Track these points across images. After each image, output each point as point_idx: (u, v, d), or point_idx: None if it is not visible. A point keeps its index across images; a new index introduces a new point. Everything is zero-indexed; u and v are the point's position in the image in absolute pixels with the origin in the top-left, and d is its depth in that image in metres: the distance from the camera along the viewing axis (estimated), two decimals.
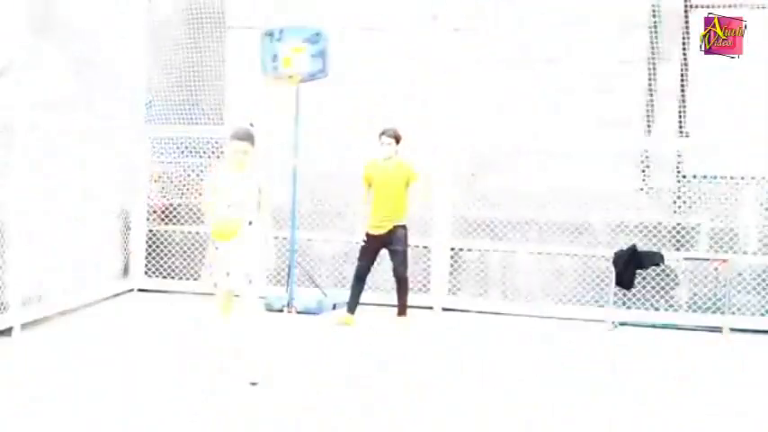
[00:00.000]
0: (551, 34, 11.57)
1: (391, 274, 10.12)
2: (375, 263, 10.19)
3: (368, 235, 10.02)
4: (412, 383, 7.81)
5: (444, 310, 11.20)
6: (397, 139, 9.99)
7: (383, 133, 10.02)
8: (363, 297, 10.46)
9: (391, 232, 9.93)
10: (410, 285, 11.11)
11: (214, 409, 6.89)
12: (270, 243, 7.71)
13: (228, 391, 7.32)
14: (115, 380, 7.55)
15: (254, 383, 7.52)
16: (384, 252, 10.10)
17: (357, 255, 10.16)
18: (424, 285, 11.34)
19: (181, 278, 11.84)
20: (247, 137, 7.53)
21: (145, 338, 9.45)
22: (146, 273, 11.97)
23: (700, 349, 9.60)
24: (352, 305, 10.19)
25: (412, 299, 10.96)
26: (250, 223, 7.51)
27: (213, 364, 7.80)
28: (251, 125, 7.72)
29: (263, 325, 8.00)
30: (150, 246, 11.99)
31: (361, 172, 10.12)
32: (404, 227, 10.01)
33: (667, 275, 10.87)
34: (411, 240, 11.20)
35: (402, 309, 10.11)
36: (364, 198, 10.13)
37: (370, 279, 10.51)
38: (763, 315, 10.55)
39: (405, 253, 10.01)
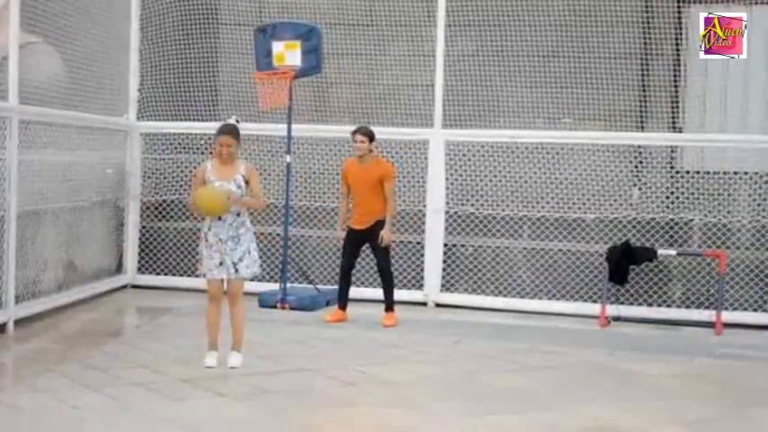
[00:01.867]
0: (546, 29, 11.57)
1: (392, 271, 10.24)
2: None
3: (350, 230, 10.06)
4: (401, 379, 7.83)
5: (438, 305, 11.20)
6: (371, 138, 9.97)
7: (356, 131, 9.99)
8: (364, 293, 10.71)
9: (372, 227, 9.95)
10: (403, 281, 11.18)
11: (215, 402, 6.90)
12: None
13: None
14: (109, 377, 7.53)
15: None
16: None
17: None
18: (418, 281, 11.34)
19: (174, 274, 11.81)
20: (232, 131, 7.84)
21: (138, 334, 9.45)
22: (139, 269, 11.94)
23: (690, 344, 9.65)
24: (343, 301, 10.20)
25: (405, 295, 11.03)
26: (238, 215, 7.80)
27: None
28: (236, 121, 8.05)
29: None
30: (143, 242, 11.97)
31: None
32: (385, 221, 10.05)
33: (660, 271, 10.88)
34: (405, 236, 11.25)
35: (388, 305, 10.13)
36: (343, 196, 10.23)
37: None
38: (756, 310, 10.57)
39: (386, 247, 10.04)
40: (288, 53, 10.74)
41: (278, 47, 10.78)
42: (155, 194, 12.07)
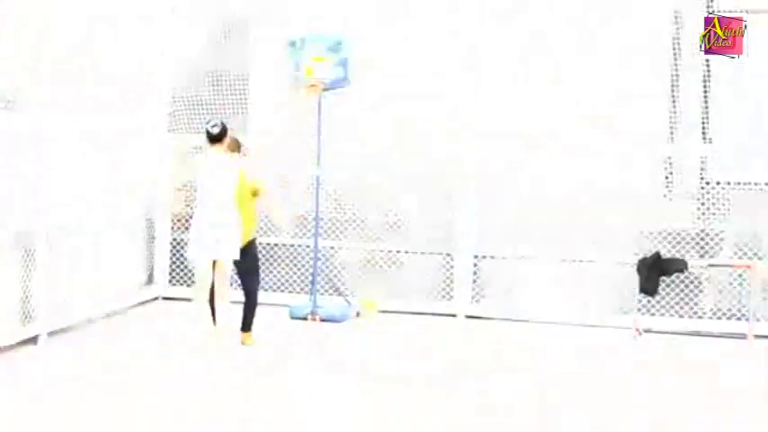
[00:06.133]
0: (576, 41, 11.53)
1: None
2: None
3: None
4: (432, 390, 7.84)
5: (468, 317, 11.18)
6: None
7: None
8: (389, 305, 11.01)
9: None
10: (433, 293, 11.26)
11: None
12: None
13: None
14: (138, 388, 7.59)
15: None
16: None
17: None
18: (448, 293, 11.34)
19: None
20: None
21: (168, 347, 9.51)
22: (170, 281, 12.01)
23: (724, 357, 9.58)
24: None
25: (436, 306, 11.07)
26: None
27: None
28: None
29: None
30: (174, 254, 12.03)
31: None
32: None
33: (691, 282, 10.82)
34: (434, 247, 11.32)
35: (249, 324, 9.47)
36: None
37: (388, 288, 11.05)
38: None
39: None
40: (316, 66, 10.78)
41: (307, 60, 10.83)
42: (185, 207, 12.12)
